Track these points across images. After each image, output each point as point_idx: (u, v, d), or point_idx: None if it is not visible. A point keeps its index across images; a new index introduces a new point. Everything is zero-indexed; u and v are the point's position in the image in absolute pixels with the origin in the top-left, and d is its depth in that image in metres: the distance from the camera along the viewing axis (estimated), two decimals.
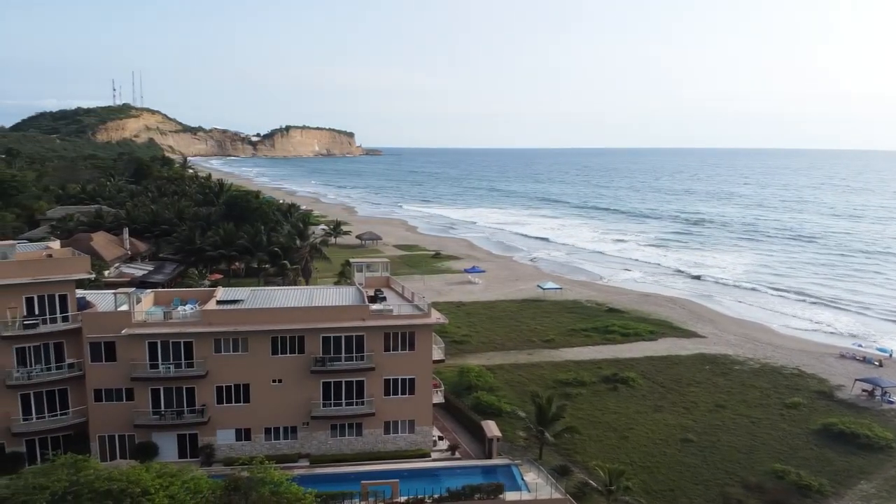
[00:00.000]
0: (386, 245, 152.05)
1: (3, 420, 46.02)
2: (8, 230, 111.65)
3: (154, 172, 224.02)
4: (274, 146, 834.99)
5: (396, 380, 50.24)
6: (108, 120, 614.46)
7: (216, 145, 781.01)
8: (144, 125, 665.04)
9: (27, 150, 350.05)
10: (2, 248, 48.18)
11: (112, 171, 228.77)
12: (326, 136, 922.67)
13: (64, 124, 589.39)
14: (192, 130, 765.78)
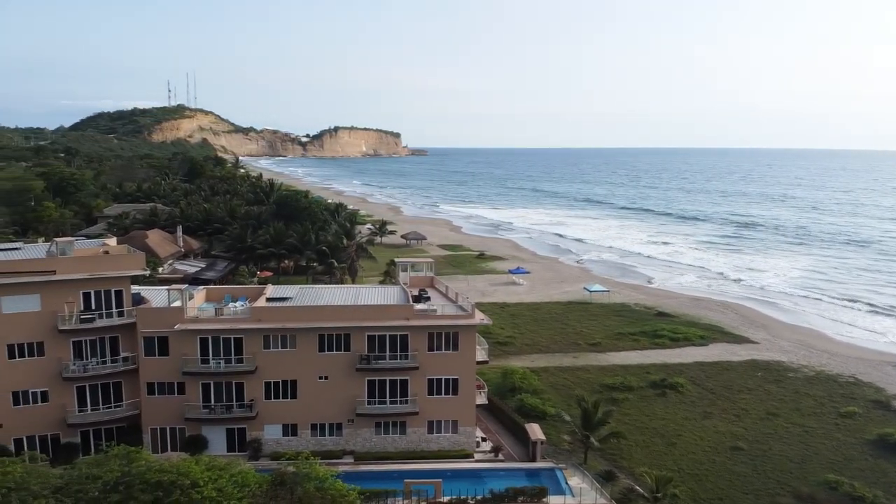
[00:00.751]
0: (430, 245, 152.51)
1: (59, 411, 47.79)
2: (67, 227, 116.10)
3: (207, 172, 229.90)
4: (323, 147, 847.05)
5: (440, 380, 50.32)
6: (164, 120, 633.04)
7: (267, 145, 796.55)
8: (198, 125, 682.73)
9: (86, 150, 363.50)
10: (61, 245, 49.91)
11: (167, 170, 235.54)
12: (373, 136, 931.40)
13: (121, 124, 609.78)
14: (244, 131, 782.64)
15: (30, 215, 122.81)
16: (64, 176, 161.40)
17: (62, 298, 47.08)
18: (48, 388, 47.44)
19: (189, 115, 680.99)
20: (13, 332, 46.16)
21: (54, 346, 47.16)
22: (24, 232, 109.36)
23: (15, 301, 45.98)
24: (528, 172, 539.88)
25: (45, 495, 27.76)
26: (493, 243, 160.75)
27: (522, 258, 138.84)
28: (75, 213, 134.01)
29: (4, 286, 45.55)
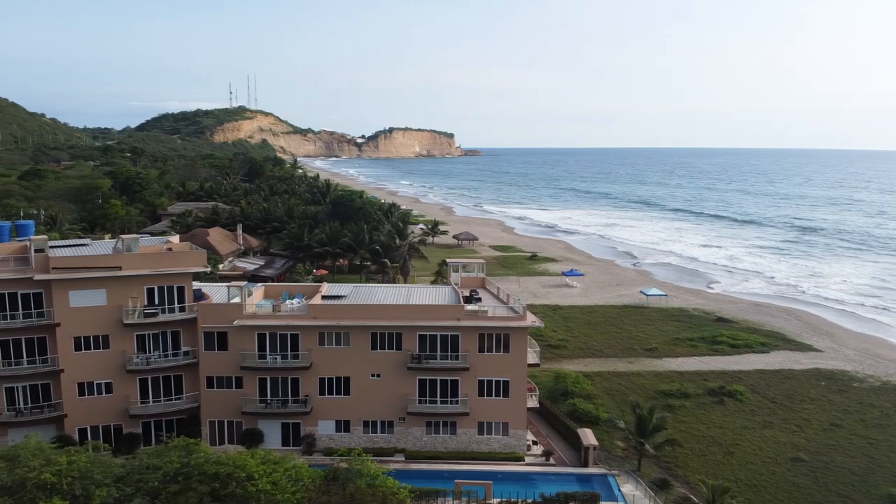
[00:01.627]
0: (482, 245, 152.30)
1: (123, 402, 49.57)
2: (132, 224, 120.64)
3: (266, 172, 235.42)
4: (377, 147, 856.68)
5: (490, 381, 50.17)
6: (225, 121, 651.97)
7: (324, 146, 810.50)
8: (258, 126, 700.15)
9: (151, 150, 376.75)
10: (127, 242, 51.74)
11: (228, 170, 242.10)
12: (427, 137, 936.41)
13: (184, 125, 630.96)
14: (303, 132, 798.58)
15: (97, 213, 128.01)
16: (130, 175, 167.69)
17: (127, 293, 48.84)
18: (112, 380, 49.31)
19: (249, 117, 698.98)
20: (80, 326, 48.15)
21: (119, 339, 48.98)
22: (92, 229, 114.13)
23: (82, 295, 47.93)
24: (583, 173, 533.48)
25: (107, 484, 28.80)
26: (546, 244, 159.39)
27: (576, 260, 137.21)
28: (140, 210, 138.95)
29: (72, 281, 47.56)
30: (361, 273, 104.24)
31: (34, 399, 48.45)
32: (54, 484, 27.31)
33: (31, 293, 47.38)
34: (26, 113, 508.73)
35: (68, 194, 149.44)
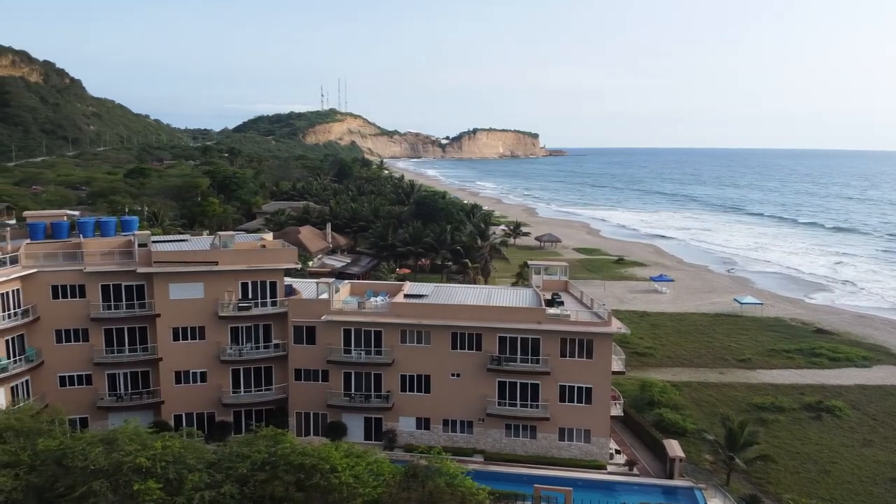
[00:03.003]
0: (565, 248, 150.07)
1: (216, 391, 51.95)
2: (229, 221, 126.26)
3: (355, 172, 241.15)
4: (461, 148, 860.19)
5: (572, 387, 49.32)
6: (317, 123, 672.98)
7: (409, 147, 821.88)
8: (347, 128, 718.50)
9: (247, 150, 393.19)
10: (223, 238, 54.22)
11: (318, 170, 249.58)
12: (511, 137, 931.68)
13: (278, 127, 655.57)
14: (389, 133, 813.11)
15: (196, 210, 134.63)
16: (227, 174, 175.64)
17: (222, 287, 51.17)
18: (207, 370, 51.78)
19: (339, 119, 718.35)
20: (178, 317, 50.80)
21: (214, 330, 51.37)
22: (191, 225, 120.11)
23: (181, 288, 50.57)
24: (674, 174, 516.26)
25: (199, 469, 30.04)
26: (634, 248, 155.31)
27: (666, 265, 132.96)
28: (236, 208, 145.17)
29: (173, 274, 50.28)
30: (443, 273, 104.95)
31: (134, 385, 51.56)
32: (149, 468, 28.64)
33: (134, 285, 50.42)
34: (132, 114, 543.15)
35: (170, 192, 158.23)
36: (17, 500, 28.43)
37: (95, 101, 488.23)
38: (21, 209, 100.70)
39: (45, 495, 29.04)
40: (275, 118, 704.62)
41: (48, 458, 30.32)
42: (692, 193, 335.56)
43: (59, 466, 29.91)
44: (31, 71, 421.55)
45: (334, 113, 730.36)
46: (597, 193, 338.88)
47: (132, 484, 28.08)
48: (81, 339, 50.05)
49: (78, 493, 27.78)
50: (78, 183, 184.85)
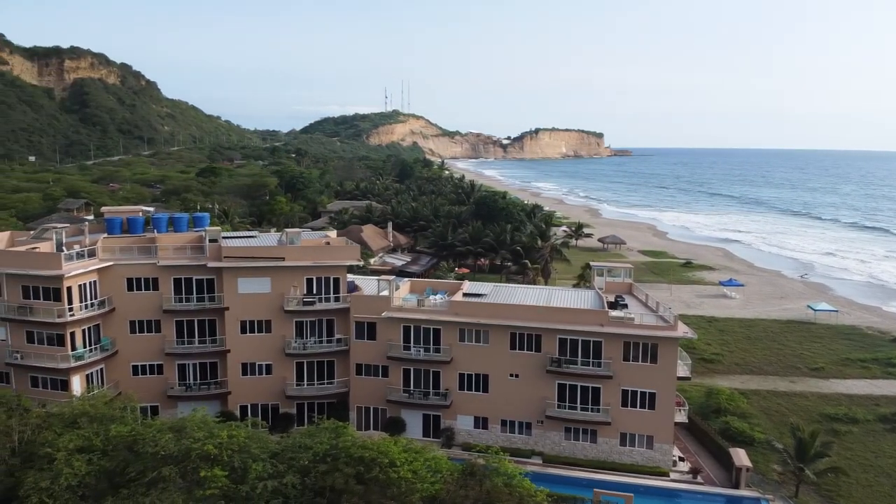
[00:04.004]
0: (630, 250, 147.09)
1: (280, 383, 53.26)
2: (295, 219, 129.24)
3: (416, 173, 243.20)
4: (523, 148, 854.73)
5: (635, 392, 48.29)
6: (380, 125, 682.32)
7: (470, 148, 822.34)
8: (410, 129, 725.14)
9: (313, 151, 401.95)
10: (290, 235, 55.68)
11: (381, 171, 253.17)
12: (575, 137, 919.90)
13: (343, 128, 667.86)
14: (450, 134, 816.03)
15: (264, 208, 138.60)
16: (294, 174, 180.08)
17: (289, 282, 52.45)
18: (272, 362, 53.15)
19: (402, 120, 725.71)
20: (246, 310, 52.34)
21: (280, 324, 52.70)
22: (260, 222, 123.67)
23: (250, 283, 52.09)
24: (744, 175, 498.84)
25: (263, 459, 30.86)
26: (702, 251, 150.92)
27: (736, 269, 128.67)
28: (303, 207, 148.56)
29: (241, 269, 51.84)
30: (502, 273, 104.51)
31: (203, 376, 53.38)
32: (216, 456, 29.62)
33: (205, 279, 52.22)
34: (204, 115, 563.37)
35: (239, 191, 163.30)
36: (90, 483, 29.77)
37: (170, 103, 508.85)
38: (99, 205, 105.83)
39: (116, 479, 30.33)
40: (340, 120, 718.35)
41: (120, 444, 31.71)
42: (763, 196, 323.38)
43: (130, 452, 31.24)
44: (109, 73, 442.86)
45: (397, 114, 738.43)
46: (663, 194, 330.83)
47: (199, 471, 29.06)
48: (154, 329, 52.16)
49: (148, 479, 28.92)
50: (152, 181, 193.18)
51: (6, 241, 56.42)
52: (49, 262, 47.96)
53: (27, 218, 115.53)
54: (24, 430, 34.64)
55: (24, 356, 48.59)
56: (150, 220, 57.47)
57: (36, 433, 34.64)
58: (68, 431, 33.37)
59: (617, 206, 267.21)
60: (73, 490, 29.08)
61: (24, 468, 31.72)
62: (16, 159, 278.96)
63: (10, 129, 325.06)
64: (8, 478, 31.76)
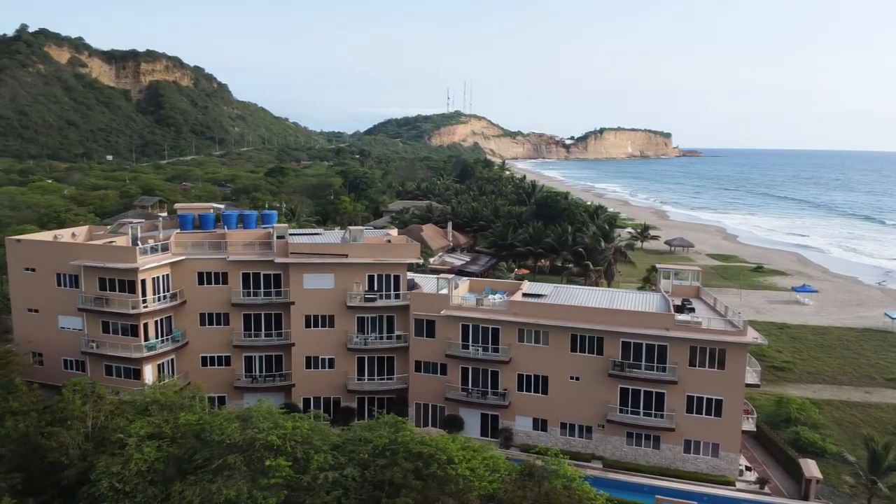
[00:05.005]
0: (698, 253, 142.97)
1: (342, 378, 54.17)
2: (358, 219, 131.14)
3: (476, 173, 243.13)
4: (587, 148, 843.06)
5: (701, 398, 46.88)
6: (442, 126, 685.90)
7: (532, 148, 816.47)
8: (471, 130, 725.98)
9: (376, 152, 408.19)
10: (353, 233, 56.70)
11: (442, 171, 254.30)
12: (641, 137, 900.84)
13: (406, 129, 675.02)
14: (512, 135, 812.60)
15: (329, 207, 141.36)
16: (358, 174, 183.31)
17: (351, 279, 53.31)
18: (335, 357, 54.13)
19: (464, 121, 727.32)
20: (311, 305, 53.46)
21: (342, 320, 53.62)
22: (324, 221, 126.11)
23: (314, 278, 53.20)
24: (819, 178, 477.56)
25: (324, 451, 31.40)
26: (774, 256, 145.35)
27: (809, 275, 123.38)
28: (365, 206, 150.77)
29: (307, 265, 52.98)
30: (563, 274, 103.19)
31: (268, 368, 54.82)
32: (279, 446, 30.32)
33: (272, 274, 53.66)
34: (272, 117, 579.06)
35: (306, 190, 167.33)
36: (159, 469, 30.89)
37: (240, 105, 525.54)
38: (172, 203, 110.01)
39: (183, 466, 31.36)
40: (403, 121, 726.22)
41: (188, 432, 32.80)
42: (839, 200, 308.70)
43: (197, 440, 32.27)
44: (182, 75, 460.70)
45: (459, 115, 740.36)
46: (733, 196, 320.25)
47: (264, 460, 29.80)
48: (222, 322, 53.92)
49: (214, 466, 29.79)
50: (223, 180, 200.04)
51: (85, 234, 59.50)
52: (125, 255, 50.18)
53: (104, 214, 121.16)
54: (98, 416, 36.26)
55: (100, 345, 51.04)
56: (220, 216, 59.46)
57: (109, 419, 36.21)
58: (139, 418, 34.79)
59: (684, 208, 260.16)
60: (143, 475, 30.18)
61: (97, 453, 33.14)
62: (94, 158, 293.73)
63: (90, 130, 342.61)
64: (81, 461, 33.26)
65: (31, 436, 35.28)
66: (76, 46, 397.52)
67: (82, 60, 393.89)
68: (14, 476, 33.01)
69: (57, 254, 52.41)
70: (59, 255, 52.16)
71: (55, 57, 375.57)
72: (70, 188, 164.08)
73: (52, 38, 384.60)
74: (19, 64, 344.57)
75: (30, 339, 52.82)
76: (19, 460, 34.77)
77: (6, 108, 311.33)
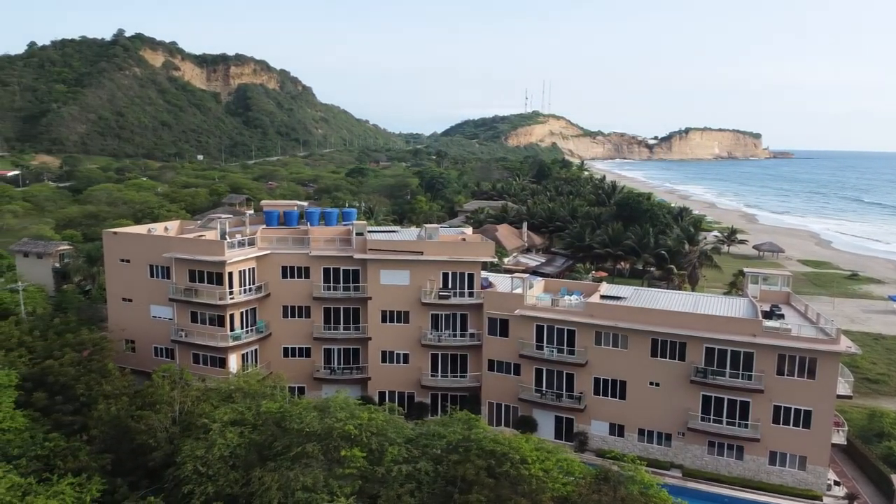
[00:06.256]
0: (788, 259, 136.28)
1: (416, 373, 54.69)
2: (434, 218, 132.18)
3: (554, 173, 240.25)
4: (671, 149, 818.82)
5: (788, 408, 44.64)
6: (519, 126, 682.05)
7: (613, 148, 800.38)
8: (549, 130, 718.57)
9: (452, 153, 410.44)
10: (429, 230, 57.16)
11: (518, 171, 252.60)
12: (729, 137, 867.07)
13: (482, 130, 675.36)
14: (592, 135, 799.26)
15: (406, 206, 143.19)
16: (434, 175, 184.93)
17: (426, 276, 53.78)
18: (409, 352, 54.74)
19: (542, 121, 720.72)
20: (387, 301, 54.27)
21: (417, 316, 54.15)
22: (401, 220, 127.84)
23: (390, 275, 53.97)
24: None
25: (398, 444, 31.77)
26: (872, 263, 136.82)
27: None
28: (441, 206, 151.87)
29: (384, 261, 53.79)
30: (644, 278, 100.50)
31: (346, 361, 56.03)
32: (355, 436, 30.89)
33: (351, 270, 54.83)
34: (354, 119, 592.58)
35: (384, 190, 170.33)
36: (240, 455, 32.00)
37: (323, 107, 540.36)
38: (258, 201, 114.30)
39: (263, 452, 32.38)
40: (479, 122, 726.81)
41: (269, 419, 33.85)
42: None
43: (278, 427, 33.25)
44: (269, 79, 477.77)
45: (537, 115, 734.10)
46: (824, 200, 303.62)
47: (340, 450, 30.40)
48: (304, 315, 55.51)
49: (293, 453, 30.61)
50: (307, 180, 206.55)
51: (176, 229, 62.49)
52: (214, 248, 52.38)
53: (195, 211, 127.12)
54: (185, 402, 37.98)
55: (188, 334, 53.46)
56: (303, 214, 61.18)
57: (195, 405, 37.84)
58: (223, 405, 36.18)
59: (774, 211, 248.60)
60: (225, 460, 31.32)
61: (183, 436, 34.66)
62: (186, 158, 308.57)
63: (182, 130, 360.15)
64: (168, 444, 34.87)
65: (121, 419, 37.22)
66: (170, 50, 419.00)
67: (175, 64, 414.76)
68: (105, 456, 34.91)
69: (150, 246, 55.29)
70: (152, 248, 55.02)
71: (150, 61, 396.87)
72: (163, 186, 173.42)
73: (148, 42, 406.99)
74: (117, 67, 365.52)
75: (123, 327, 55.92)
76: (110, 442, 36.76)
77: (105, 110, 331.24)
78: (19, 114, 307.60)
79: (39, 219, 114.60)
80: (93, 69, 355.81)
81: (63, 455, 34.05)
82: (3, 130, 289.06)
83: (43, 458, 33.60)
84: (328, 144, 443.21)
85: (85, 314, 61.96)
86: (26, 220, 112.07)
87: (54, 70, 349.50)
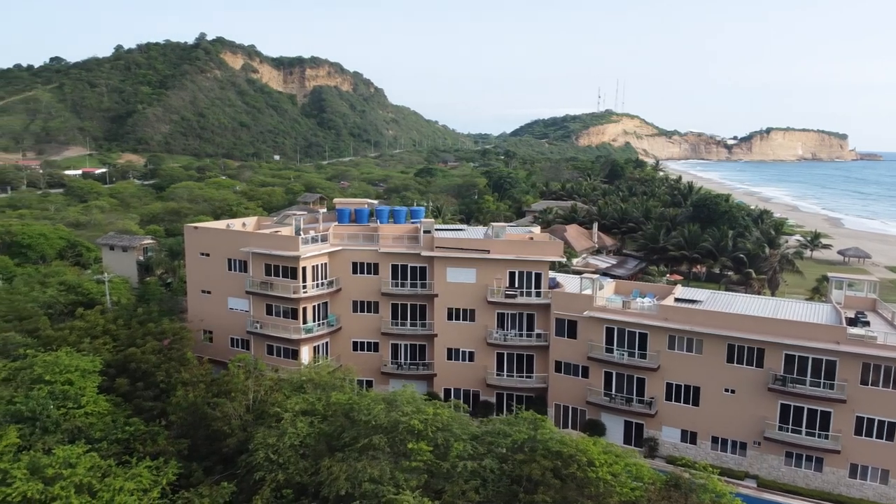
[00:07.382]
0: (876, 265, 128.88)
1: (481, 372, 54.68)
2: (501, 218, 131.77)
3: (626, 173, 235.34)
4: (751, 149, 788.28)
5: (872, 420, 42.40)
6: (591, 126, 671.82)
7: (689, 148, 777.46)
8: (623, 130, 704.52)
9: (521, 153, 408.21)
10: (496, 229, 57.06)
11: (589, 171, 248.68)
12: (813, 138, 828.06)
13: (553, 130, 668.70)
14: (668, 134, 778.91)
15: (473, 206, 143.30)
16: (502, 175, 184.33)
17: (492, 274, 53.67)
18: (475, 350, 54.77)
19: (615, 120, 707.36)
20: (453, 298, 54.48)
21: (483, 314, 54.11)
22: (468, 220, 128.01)
23: (457, 272, 54.14)
24: None
25: (463, 440, 31.77)
26: None
27: None
28: (508, 206, 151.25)
29: (451, 259, 54.02)
30: (721, 282, 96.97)
31: (412, 357, 56.58)
32: (421, 430, 31.04)
33: (419, 267, 55.32)
34: (423, 120, 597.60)
35: (452, 190, 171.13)
36: (310, 444, 32.71)
37: (394, 109, 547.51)
38: (331, 199, 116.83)
39: (332, 443, 32.98)
40: (550, 121, 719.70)
41: (338, 410, 34.45)
42: None
43: (346, 418, 33.81)
44: (343, 81, 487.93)
45: (609, 114, 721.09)
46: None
47: (406, 443, 30.65)
48: (373, 310, 56.43)
49: (360, 445, 31.06)
50: (377, 180, 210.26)
51: (253, 225, 64.60)
52: (289, 244, 53.90)
53: (271, 209, 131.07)
54: (259, 391, 39.12)
55: (263, 326, 55.19)
56: (374, 211, 62.27)
57: (268, 394, 38.92)
58: (295, 395, 37.04)
59: (861, 216, 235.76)
60: (296, 449, 32.05)
61: (256, 424, 35.66)
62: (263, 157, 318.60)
63: (259, 131, 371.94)
64: (242, 432, 35.94)
65: (198, 405, 38.58)
66: (249, 54, 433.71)
67: (254, 66, 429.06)
68: (182, 441, 36.34)
69: (229, 241, 57.37)
70: (230, 243, 57.08)
71: (230, 63, 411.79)
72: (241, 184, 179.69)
73: (228, 45, 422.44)
74: (198, 70, 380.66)
75: (202, 318, 58.23)
76: (187, 427, 38.20)
77: (186, 111, 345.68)
78: (107, 114, 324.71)
79: (125, 214, 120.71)
80: (176, 71, 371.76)
81: (142, 439, 35.56)
82: (91, 130, 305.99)
83: (123, 441, 35.10)
84: (398, 145, 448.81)
85: (166, 305, 64.78)
86: (112, 215, 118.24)
87: (140, 72, 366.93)
